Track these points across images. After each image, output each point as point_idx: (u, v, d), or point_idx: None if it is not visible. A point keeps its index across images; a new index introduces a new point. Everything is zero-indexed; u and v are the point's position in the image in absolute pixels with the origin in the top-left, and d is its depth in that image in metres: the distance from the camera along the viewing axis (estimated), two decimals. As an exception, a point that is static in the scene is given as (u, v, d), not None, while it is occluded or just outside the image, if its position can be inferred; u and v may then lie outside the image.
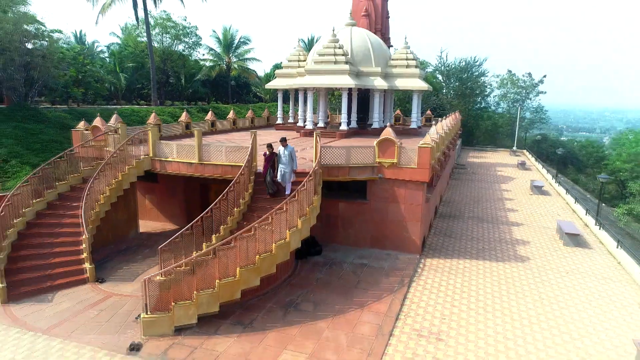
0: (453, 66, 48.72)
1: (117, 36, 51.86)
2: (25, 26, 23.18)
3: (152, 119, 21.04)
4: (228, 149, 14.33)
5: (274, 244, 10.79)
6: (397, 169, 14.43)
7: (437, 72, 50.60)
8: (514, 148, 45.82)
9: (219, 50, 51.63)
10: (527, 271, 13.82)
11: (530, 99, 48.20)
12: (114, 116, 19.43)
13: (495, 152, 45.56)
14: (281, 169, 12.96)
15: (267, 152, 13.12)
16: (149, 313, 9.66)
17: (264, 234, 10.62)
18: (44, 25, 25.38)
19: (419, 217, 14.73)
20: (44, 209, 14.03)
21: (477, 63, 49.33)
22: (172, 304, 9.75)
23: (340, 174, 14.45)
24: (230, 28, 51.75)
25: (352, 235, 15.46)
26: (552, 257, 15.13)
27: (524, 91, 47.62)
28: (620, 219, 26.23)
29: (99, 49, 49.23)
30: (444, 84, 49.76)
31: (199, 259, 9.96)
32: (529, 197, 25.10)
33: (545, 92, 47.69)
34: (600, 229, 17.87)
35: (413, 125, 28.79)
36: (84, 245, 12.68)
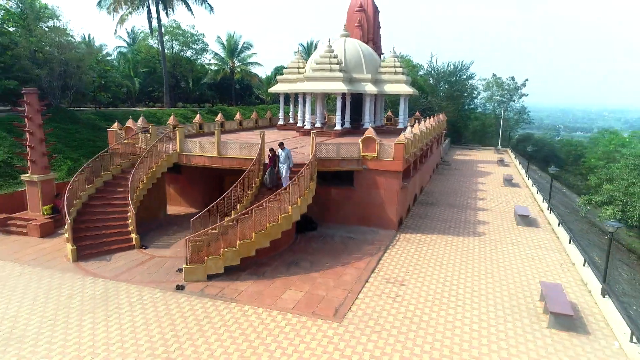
0: (442, 70, 52.26)
1: (124, 40, 55.45)
2: (59, 39, 26.63)
3: (171, 120, 24.59)
4: (242, 145, 17.80)
5: (280, 216, 14.27)
6: (378, 161, 17.93)
7: (428, 75, 54.10)
8: (498, 147, 49.35)
9: (223, 55, 55.13)
10: (480, 242, 17.32)
11: (514, 101, 51.81)
12: (141, 118, 22.84)
13: (481, 151, 49.07)
14: (280, 166, 16.38)
15: (270, 154, 16.52)
16: (189, 264, 13.15)
17: (272, 208, 14.11)
18: (74, 37, 28.86)
19: (396, 201, 18.22)
20: (94, 193, 17.51)
21: (465, 67, 52.91)
22: (206, 258, 13.23)
23: (332, 165, 17.94)
24: (234, 34, 55.32)
25: (341, 215, 18.95)
26: (504, 233, 18.63)
27: (508, 93, 51.23)
28: (582, 208, 29.72)
29: (105, 51, 52.79)
30: (434, 87, 53.26)
31: (226, 224, 13.45)
32: (501, 188, 28.60)
33: (528, 95, 51.38)
34: (550, 212, 21.36)
35: (400, 126, 32.21)
36: (130, 220, 16.17)
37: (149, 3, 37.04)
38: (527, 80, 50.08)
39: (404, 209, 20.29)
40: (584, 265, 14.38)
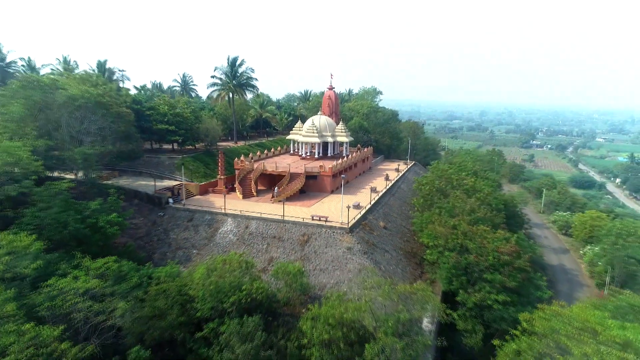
0: (380, 117, 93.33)
1: (177, 82, 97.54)
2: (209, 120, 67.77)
3: (250, 155, 65.96)
4: (282, 166, 58.87)
5: (294, 187, 55.52)
6: (324, 172, 59.06)
7: (373, 118, 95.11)
8: (407, 160, 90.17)
9: (256, 107, 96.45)
10: (355, 195, 58.33)
11: (419, 134, 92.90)
12: (242, 156, 63.92)
13: (398, 162, 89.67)
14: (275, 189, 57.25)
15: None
16: (274, 197, 54.42)
17: (293, 184, 55.34)
18: (209, 107, 69.92)
19: (330, 184, 59.46)
20: (240, 180, 58.63)
21: (395, 115, 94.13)
22: (280, 194, 54.43)
23: (310, 172, 59.07)
24: (262, 94, 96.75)
25: (312, 188, 60.10)
26: (365, 194, 59.63)
27: (413, 131, 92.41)
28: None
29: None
30: (375, 127, 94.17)
31: (283, 188, 54.77)
32: (383, 181, 69.45)
33: (425, 133, 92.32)
34: (386, 187, 62.32)
35: (344, 154, 73.41)
36: (253, 186, 57.35)
37: (228, 95, 78.41)
38: (424, 123, 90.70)
39: (335, 187, 61.47)
40: (376, 197, 55.42)
